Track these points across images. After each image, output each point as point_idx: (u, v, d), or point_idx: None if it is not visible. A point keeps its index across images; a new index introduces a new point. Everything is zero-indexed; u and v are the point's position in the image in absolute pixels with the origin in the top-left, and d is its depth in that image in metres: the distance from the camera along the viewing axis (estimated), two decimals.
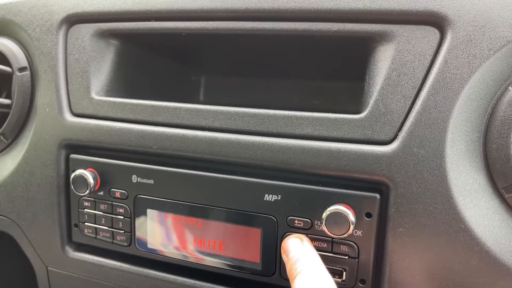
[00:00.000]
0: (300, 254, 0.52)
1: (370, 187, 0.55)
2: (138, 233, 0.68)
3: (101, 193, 0.68)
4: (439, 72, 0.52)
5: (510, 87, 0.52)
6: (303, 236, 0.56)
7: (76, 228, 0.72)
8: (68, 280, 0.76)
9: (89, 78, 0.70)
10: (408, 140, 0.52)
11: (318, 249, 0.57)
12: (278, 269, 0.60)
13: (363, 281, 0.57)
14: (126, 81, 0.75)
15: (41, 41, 0.73)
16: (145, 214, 0.66)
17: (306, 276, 0.49)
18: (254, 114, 0.60)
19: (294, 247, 0.54)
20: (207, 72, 0.99)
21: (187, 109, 0.63)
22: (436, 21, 0.53)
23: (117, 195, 0.67)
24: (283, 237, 0.59)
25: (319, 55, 0.74)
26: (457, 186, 0.51)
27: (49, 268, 0.78)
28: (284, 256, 0.56)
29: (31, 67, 0.75)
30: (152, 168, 0.65)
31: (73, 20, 0.71)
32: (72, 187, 0.67)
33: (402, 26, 0.55)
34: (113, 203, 0.68)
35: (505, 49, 0.51)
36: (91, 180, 0.66)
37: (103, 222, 0.69)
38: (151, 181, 0.65)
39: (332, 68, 0.83)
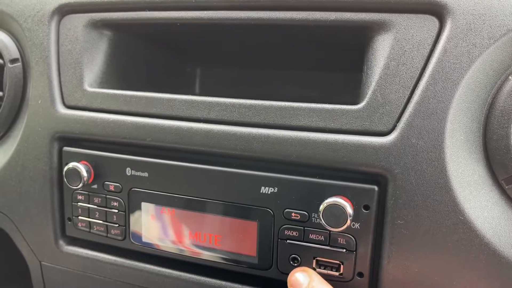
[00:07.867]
0: None
1: (368, 179, 0.55)
2: (133, 227, 0.67)
3: (95, 186, 0.67)
4: (438, 62, 0.51)
5: (510, 77, 0.51)
6: (310, 270, 0.54)
7: (69, 222, 0.71)
8: (62, 274, 0.76)
9: (82, 70, 0.68)
10: (407, 131, 0.52)
11: (315, 242, 0.56)
12: (274, 262, 0.59)
13: (361, 274, 0.56)
14: (120, 72, 0.74)
15: (33, 32, 0.71)
16: (139, 207, 0.65)
17: None
18: (251, 105, 0.59)
19: (304, 281, 0.51)
20: (202, 63, 0.98)
21: (182, 101, 0.62)
22: (435, 10, 0.52)
23: (111, 188, 0.66)
24: (279, 230, 0.58)
25: (317, 46, 0.73)
26: (457, 177, 0.51)
27: (42, 262, 0.77)
28: None
29: (23, 58, 0.74)
30: (146, 161, 0.64)
31: (65, 10, 0.70)
32: (65, 180, 0.66)
33: (401, 15, 0.54)
34: (107, 196, 0.67)
35: (506, 38, 0.50)
36: (84, 173, 0.65)
37: (97, 215, 0.68)
38: (146, 174, 0.64)
39: (329, 58, 0.82)
